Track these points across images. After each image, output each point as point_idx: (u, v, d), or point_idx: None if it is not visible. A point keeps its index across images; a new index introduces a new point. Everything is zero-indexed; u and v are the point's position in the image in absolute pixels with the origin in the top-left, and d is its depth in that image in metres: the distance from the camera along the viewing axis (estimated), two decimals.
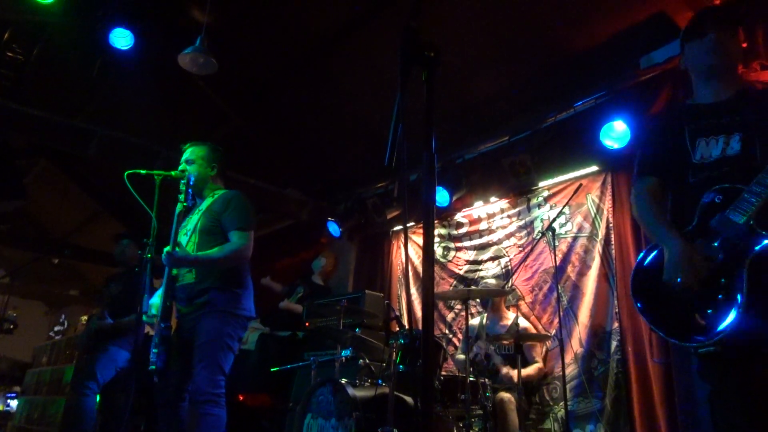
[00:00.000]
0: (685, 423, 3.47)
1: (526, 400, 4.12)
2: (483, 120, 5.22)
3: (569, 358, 4.34)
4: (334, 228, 6.37)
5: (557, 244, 4.62)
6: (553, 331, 4.46)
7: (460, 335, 5.25)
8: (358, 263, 6.77)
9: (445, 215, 5.78)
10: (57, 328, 9.09)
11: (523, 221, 5.17)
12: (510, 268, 5.14)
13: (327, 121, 6.08)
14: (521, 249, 5.11)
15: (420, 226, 5.15)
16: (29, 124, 5.14)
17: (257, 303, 3.28)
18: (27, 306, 12.56)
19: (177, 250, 2.91)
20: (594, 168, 4.70)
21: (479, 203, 5.54)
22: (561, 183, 4.95)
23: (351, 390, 3.53)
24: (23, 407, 8.59)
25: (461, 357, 4.62)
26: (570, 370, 4.32)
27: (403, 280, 6.04)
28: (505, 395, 3.85)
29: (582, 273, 4.56)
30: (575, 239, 4.69)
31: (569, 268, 4.64)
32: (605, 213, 4.52)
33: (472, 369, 3.69)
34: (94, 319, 4.79)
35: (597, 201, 4.62)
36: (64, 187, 8.44)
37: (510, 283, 4.93)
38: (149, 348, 2.86)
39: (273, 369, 4.95)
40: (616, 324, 4.19)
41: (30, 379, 8.78)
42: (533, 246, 4.90)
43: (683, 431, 3.49)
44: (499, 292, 4.61)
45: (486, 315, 4.72)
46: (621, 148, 4.12)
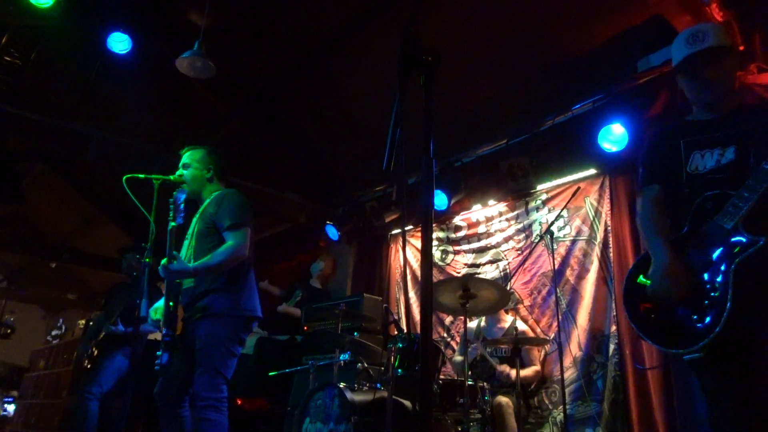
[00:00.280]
0: (684, 425, 3.46)
1: (524, 404, 4.11)
2: (481, 123, 5.23)
3: (568, 362, 4.33)
4: (332, 231, 6.36)
5: (556, 247, 4.62)
6: (552, 335, 4.45)
7: (458, 339, 5.24)
8: (356, 267, 6.76)
9: (444, 218, 5.78)
10: (54, 332, 9.04)
11: (522, 224, 5.17)
12: (508, 271, 5.14)
13: (325, 125, 6.09)
14: (520, 252, 5.11)
15: (418, 229, 5.15)
16: (27, 127, 5.13)
17: None
18: (24, 310, 12.52)
19: (174, 263, 2.89)
20: (592, 171, 4.70)
21: (478, 206, 5.54)
22: (559, 186, 4.96)
23: (349, 394, 3.52)
24: (20, 412, 8.56)
25: (458, 359, 4.61)
26: (569, 374, 4.32)
27: (402, 283, 6.04)
28: (503, 399, 3.84)
29: (581, 276, 4.55)
30: (574, 242, 4.69)
31: (568, 271, 4.63)
32: (603, 216, 4.53)
33: (470, 372, 3.68)
34: (106, 325, 4.74)
35: (595, 204, 4.62)
36: (61, 191, 8.42)
37: (508, 287, 4.93)
38: (153, 353, 2.85)
39: (271, 373, 4.93)
40: (614, 327, 4.19)
41: (27, 384, 8.74)
42: (532, 249, 4.90)
43: None
44: (500, 303, 4.60)
45: (484, 318, 4.72)
46: (619, 151, 4.13)
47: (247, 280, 3.15)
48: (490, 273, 5.28)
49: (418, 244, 5.79)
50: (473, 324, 4.71)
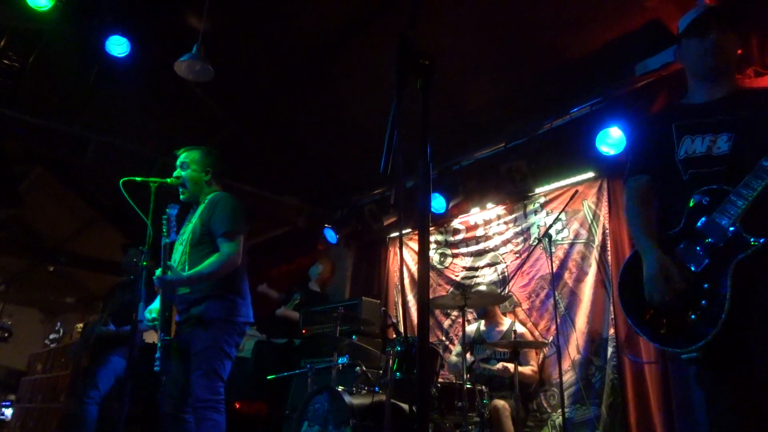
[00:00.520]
0: (683, 429, 3.46)
1: (523, 407, 4.10)
2: (479, 126, 5.24)
3: (567, 365, 4.33)
4: (331, 235, 6.36)
5: (554, 250, 4.62)
6: (550, 338, 4.45)
7: (456, 342, 5.24)
8: (355, 270, 6.76)
9: (442, 222, 5.78)
10: (52, 335, 9.02)
11: (520, 227, 5.18)
12: (507, 274, 5.14)
13: (324, 128, 6.09)
14: (518, 255, 5.11)
15: (416, 232, 5.15)
16: (25, 131, 5.13)
17: (254, 310, 3.26)
18: (22, 313, 12.49)
19: (168, 273, 2.92)
20: (590, 174, 4.71)
21: (476, 210, 5.54)
22: (557, 189, 4.96)
23: (348, 397, 3.52)
24: (18, 416, 8.53)
25: (454, 359, 4.61)
26: (567, 377, 4.31)
27: (400, 286, 6.03)
28: (500, 403, 3.84)
29: (579, 279, 4.55)
30: (572, 245, 4.69)
31: (566, 274, 4.63)
32: (601, 219, 4.53)
33: (468, 375, 3.68)
34: (98, 326, 4.74)
35: (593, 207, 4.63)
36: (59, 194, 8.42)
37: (507, 290, 4.93)
38: (149, 355, 2.86)
39: (269, 377, 4.92)
40: (612, 330, 4.19)
41: (25, 388, 8.72)
42: (530, 252, 4.89)
43: None
44: (496, 298, 4.61)
45: (482, 322, 4.72)
46: (617, 154, 4.13)
47: (242, 286, 3.17)
48: (488, 276, 5.28)
49: (416, 247, 5.78)
50: (472, 327, 4.71)
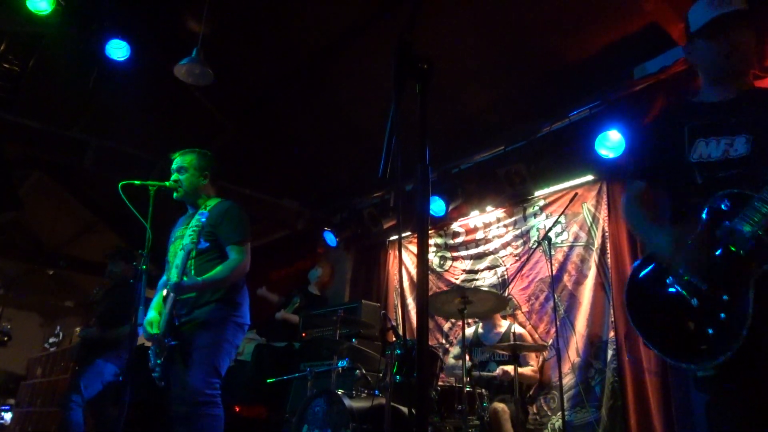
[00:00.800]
0: None
1: (522, 410, 4.10)
2: (479, 130, 5.24)
3: (566, 368, 4.33)
4: (330, 238, 6.36)
5: (553, 253, 4.62)
6: (550, 341, 4.44)
7: (455, 344, 5.23)
8: (354, 273, 6.76)
9: (442, 225, 5.78)
10: (52, 339, 9.02)
11: (520, 230, 5.18)
12: (506, 277, 5.14)
13: (323, 132, 6.10)
14: (517, 258, 5.11)
15: (416, 235, 5.16)
16: (25, 135, 5.14)
17: (253, 314, 3.29)
18: (21, 317, 12.46)
19: (185, 278, 2.94)
20: (589, 177, 4.71)
21: (475, 213, 5.54)
22: (557, 192, 4.96)
23: (347, 401, 3.51)
24: (17, 420, 8.52)
25: (451, 362, 4.61)
26: (567, 380, 4.31)
27: (399, 290, 6.03)
28: (499, 405, 3.83)
29: (578, 282, 4.55)
30: (571, 248, 4.69)
31: (566, 277, 4.63)
32: (601, 222, 4.53)
33: (468, 379, 3.67)
34: (83, 330, 4.76)
35: (593, 210, 4.63)
36: (59, 198, 8.43)
37: (506, 293, 4.93)
38: (143, 358, 2.86)
39: (269, 380, 4.92)
40: (612, 333, 4.18)
41: (24, 392, 8.71)
42: (529, 255, 4.90)
43: None
44: (497, 305, 4.60)
45: (480, 324, 4.71)
46: (616, 157, 4.14)
47: (245, 291, 3.25)
48: (488, 279, 5.28)
49: (416, 250, 5.78)
50: (470, 330, 4.70)
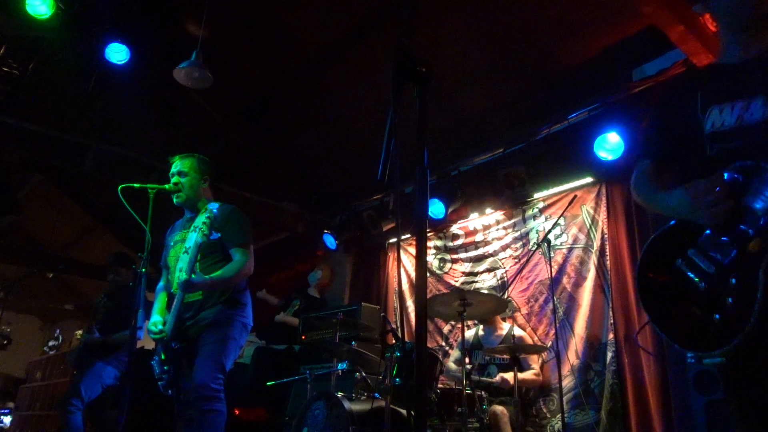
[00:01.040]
0: None
1: (522, 412, 4.09)
2: (478, 132, 5.25)
3: (566, 370, 4.33)
4: (330, 240, 6.36)
5: (553, 255, 4.62)
6: (549, 343, 4.44)
7: (455, 347, 5.23)
8: (354, 276, 6.76)
9: (441, 227, 5.78)
10: (51, 343, 8.98)
11: (519, 233, 5.18)
12: (506, 279, 5.14)
13: (323, 134, 6.11)
14: (517, 260, 5.11)
15: (415, 238, 5.16)
16: (24, 138, 5.14)
17: (253, 316, 3.32)
18: (21, 321, 12.45)
19: (193, 276, 2.95)
20: (588, 179, 4.72)
21: (475, 215, 5.54)
22: (556, 194, 4.97)
23: (347, 404, 3.51)
24: (17, 423, 8.51)
25: (453, 366, 4.60)
26: (567, 382, 4.31)
27: (398, 292, 6.03)
28: (498, 408, 3.83)
29: (578, 284, 4.56)
30: (570, 250, 4.69)
31: (565, 279, 4.64)
32: (600, 224, 4.54)
33: (468, 381, 3.67)
34: (84, 334, 4.75)
35: (592, 212, 4.63)
36: (58, 202, 8.43)
37: (506, 295, 4.93)
38: (143, 361, 2.86)
39: (269, 383, 4.91)
40: (611, 335, 4.19)
41: (24, 395, 8.70)
42: (529, 257, 4.90)
43: None
44: (496, 306, 4.60)
45: (480, 326, 4.71)
46: (615, 159, 4.15)
47: (248, 292, 3.31)
48: (487, 281, 5.28)
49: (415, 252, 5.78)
50: (470, 333, 4.70)
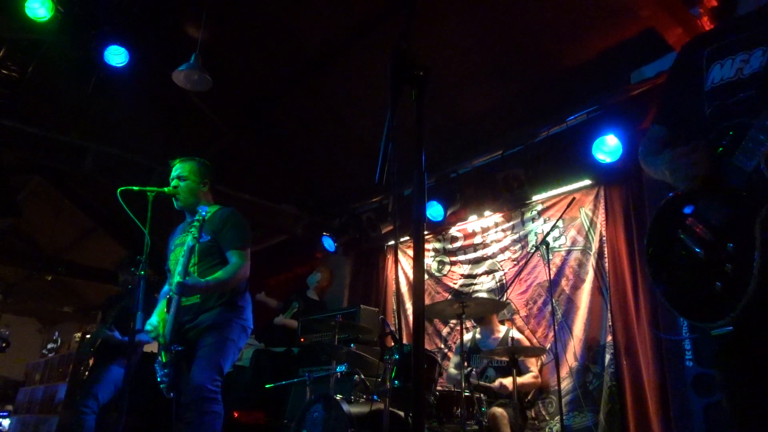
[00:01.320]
0: None
1: (521, 414, 4.09)
2: (476, 135, 5.26)
3: (564, 372, 4.33)
4: (329, 243, 6.37)
5: (551, 257, 4.63)
6: (548, 345, 4.45)
7: (454, 350, 5.23)
8: (353, 278, 6.76)
9: (440, 229, 5.79)
10: (50, 345, 8.99)
11: (517, 235, 5.19)
12: (504, 281, 5.14)
13: (321, 137, 6.11)
14: (515, 263, 5.12)
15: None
16: (23, 141, 5.14)
17: (252, 319, 3.31)
18: (20, 323, 12.45)
19: (187, 278, 2.95)
20: (587, 182, 4.73)
21: (473, 217, 5.55)
22: (554, 197, 4.98)
23: (346, 406, 3.51)
24: (16, 426, 8.49)
25: (453, 371, 4.60)
26: (565, 384, 4.31)
27: (397, 294, 6.03)
28: (498, 410, 3.83)
29: (576, 286, 4.56)
30: (569, 253, 4.70)
31: (563, 281, 4.64)
32: (598, 226, 4.54)
33: (467, 384, 3.68)
34: (102, 330, 4.61)
35: (590, 214, 4.64)
36: (57, 204, 8.42)
37: (504, 297, 4.93)
38: (148, 365, 2.85)
39: (268, 385, 4.91)
40: (609, 337, 4.19)
41: (22, 398, 8.68)
42: (527, 260, 4.91)
43: None
44: (495, 305, 4.61)
45: (478, 329, 4.72)
46: (613, 161, 4.16)
47: (247, 295, 3.31)
48: (486, 284, 5.29)
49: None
50: (468, 336, 4.70)
